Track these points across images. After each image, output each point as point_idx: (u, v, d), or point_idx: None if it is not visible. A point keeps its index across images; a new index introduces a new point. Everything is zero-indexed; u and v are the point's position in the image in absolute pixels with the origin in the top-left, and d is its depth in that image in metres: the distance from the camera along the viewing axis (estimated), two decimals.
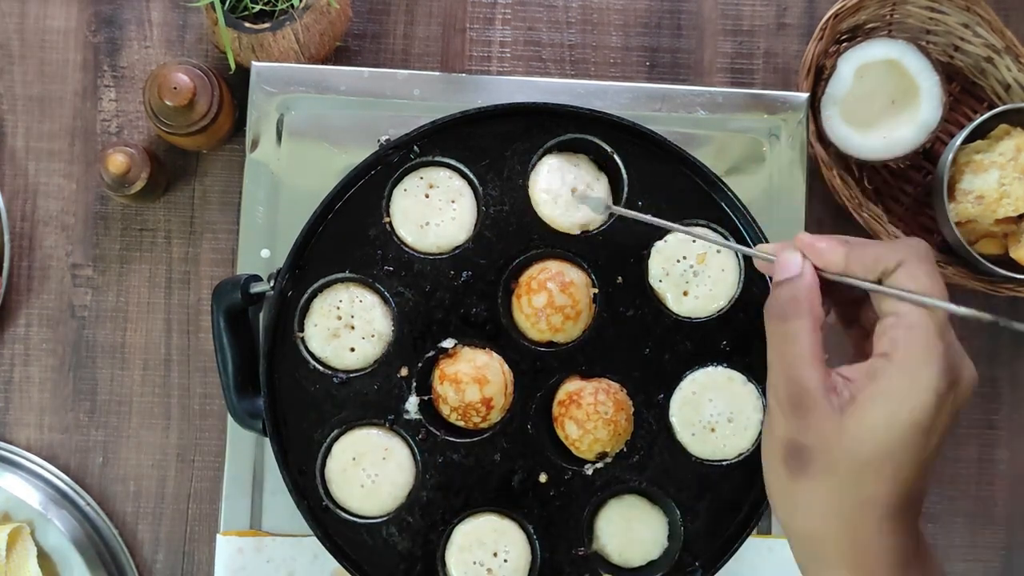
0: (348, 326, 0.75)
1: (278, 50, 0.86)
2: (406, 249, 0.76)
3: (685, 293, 0.76)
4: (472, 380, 0.73)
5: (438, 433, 0.75)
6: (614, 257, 0.76)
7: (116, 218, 0.93)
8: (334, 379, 0.75)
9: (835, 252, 0.58)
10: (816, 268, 0.59)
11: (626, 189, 0.77)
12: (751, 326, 0.76)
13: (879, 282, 0.57)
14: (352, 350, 0.75)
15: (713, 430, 0.76)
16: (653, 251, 0.76)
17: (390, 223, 0.76)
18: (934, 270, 0.57)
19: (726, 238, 0.76)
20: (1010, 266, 0.90)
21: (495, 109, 0.76)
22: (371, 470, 0.74)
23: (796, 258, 0.60)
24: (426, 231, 0.76)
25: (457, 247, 0.76)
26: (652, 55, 0.97)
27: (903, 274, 0.56)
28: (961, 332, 0.94)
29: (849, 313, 0.64)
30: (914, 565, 0.55)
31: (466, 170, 0.77)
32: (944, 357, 0.54)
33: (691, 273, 0.76)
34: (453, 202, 0.76)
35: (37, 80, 0.94)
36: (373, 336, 0.75)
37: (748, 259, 0.76)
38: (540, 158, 0.77)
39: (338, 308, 0.75)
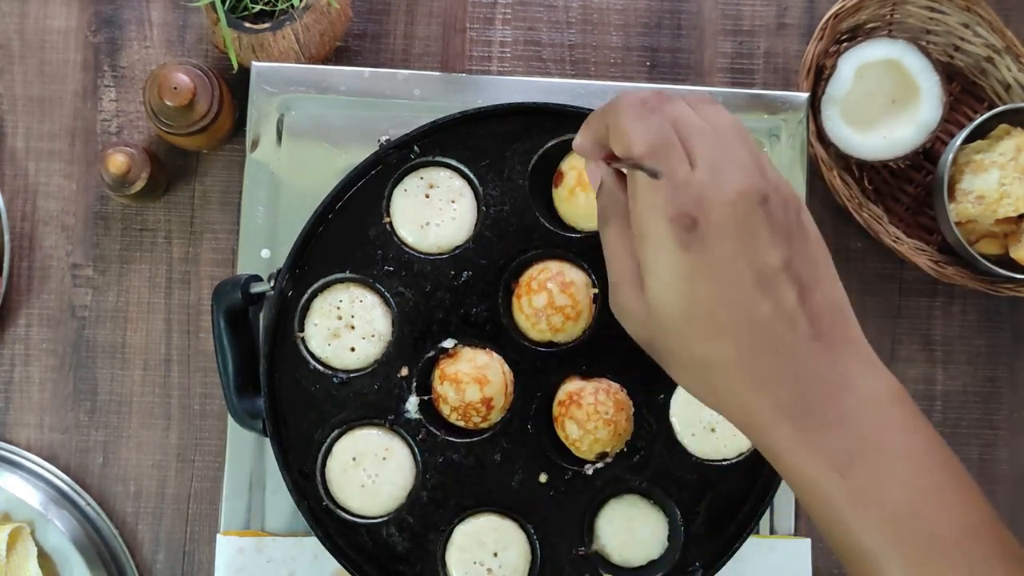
0: (348, 326, 0.75)
1: (278, 50, 0.86)
2: (406, 249, 0.76)
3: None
4: (472, 380, 0.73)
5: (438, 433, 0.75)
6: None
7: (116, 218, 0.93)
8: (334, 379, 0.75)
9: (583, 143, 0.57)
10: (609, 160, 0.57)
11: None
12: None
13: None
14: (352, 350, 0.75)
15: (713, 430, 0.76)
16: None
17: (390, 223, 0.76)
18: (634, 123, 0.52)
19: None
20: (1010, 266, 0.90)
21: (495, 109, 0.76)
22: (371, 470, 0.74)
23: (592, 169, 0.59)
24: (426, 231, 0.76)
25: (457, 247, 0.76)
26: (652, 55, 0.97)
27: (612, 141, 0.54)
28: (961, 332, 0.95)
29: None
30: (823, 406, 0.51)
31: (466, 170, 0.77)
32: (668, 202, 0.50)
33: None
34: (453, 202, 0.76)
35: (37, 80, 0.94)
36: (373, 336, 0.76)
37: None
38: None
39: (338, 308, 0.75)
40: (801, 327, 0.51)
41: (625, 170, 0.54)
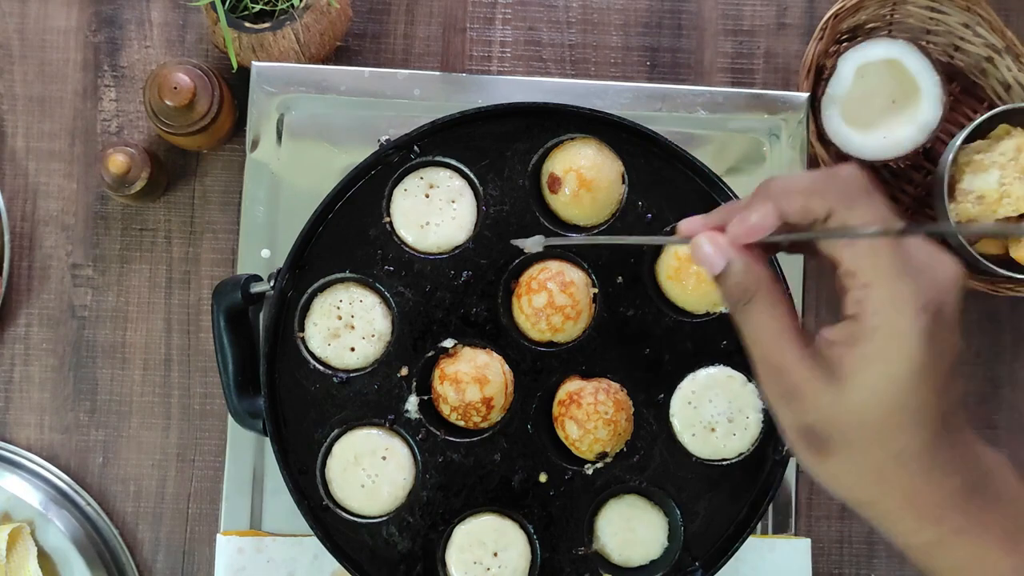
0: (348, 326, 0.75)
1: (278, 50, 0.86)
2: (406, 249, 0.76)
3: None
4: (472, 380, 0.73)
5: (438, 433, 0.75)
6: (614, 257, 0.76)
7: (116, 218, 0.93)
8: (334, 379, 0.75)
9: (766, 217, 0.52)
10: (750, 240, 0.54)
11: (626, 189, 0.77)
12: None
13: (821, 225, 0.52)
14: (352, 350, 0.75)
15: (713, 430, 0.76)
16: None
17: (390, 223, 0.76)
18: (870, 204, 0.50)
19: None
20: (1010, 266, 0.90)
21: (495, 109, 0.76)
22: (371, 470, 0.74)
23: (710, 253, 0.54)
24: (426, 231, 0.76)
25: (457, 247, 0.76)
26: (652, 55, 0.97)
27: (837, 217, 0.51)
28: (961, 332, 0.95)
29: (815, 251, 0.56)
30: (981, 487, 0.52)
31: (466, 170, 0.77)
32: (915, 295, 0.49)
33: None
34: (453, 202, 0.76)
35: (37, 80, 0.94)
36: (373, 336, 0.76)
37: None
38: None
39: (338, 308, 0.75)
40: (963, 414, 0.52)
41: (842, 251, 0.51)
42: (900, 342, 0.49)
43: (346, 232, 0.76)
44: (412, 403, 0.75)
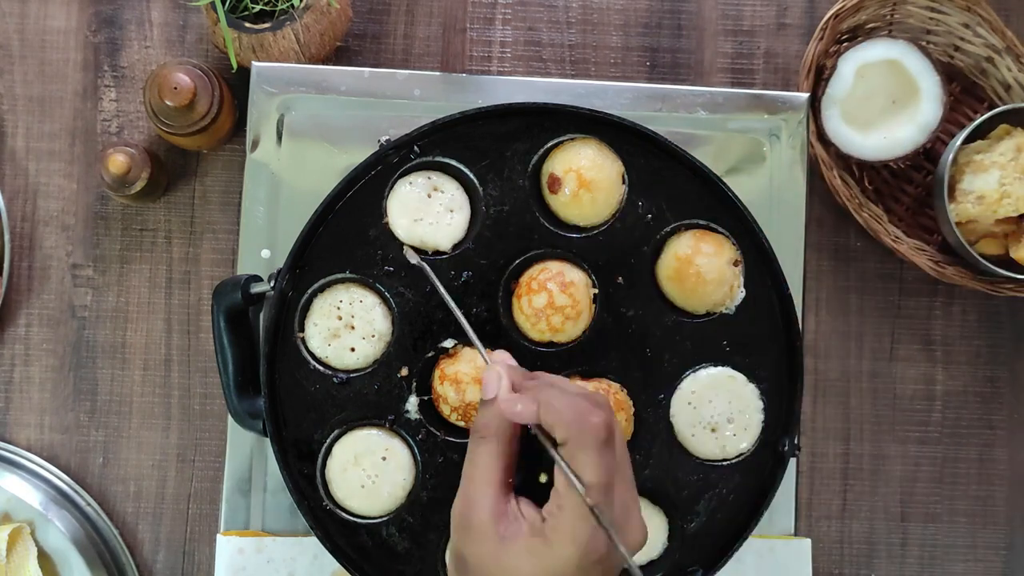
0: (348, 326, 0.75)
1: (278, 50, 0.86)
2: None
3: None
4: (472, 380, 0.73)
5: (438, 433, 0.75)
6: (614, 257, 0.76)
7: (116, 218, 0.93)
8: (334, 379, 0.75)
9: (526, 415, 0.61)
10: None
11: (626, 189, 0.77)
12: (752, 327, 0.76)
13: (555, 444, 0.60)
14: (352, 350, 0.75)
15: (713, 430, 0.76)
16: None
17: (389, 223, 0.76)
18: (594, 456, 0.58)
19: (728, 238, 0.76)
20: (1011, 266, 0.90)
21: (495, 109, 0.76)
22: (371, 470, 0.74)
23: (493, 382, 0.63)
24: (418, 225, 0.76)
25: (457, 247, 0.76)
26: (652, 55, 0.97)
27: (566, 451, 0.59)
28: (961, 332, 0.95)
29: None
30: None
31: (466, 170, 0.77)
32: (588, 541, 0.57)
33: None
34: (452, 211, 0.76)
35: (37, 80, 0.94)
36: (373, 336, 0.75)
37: (757, 267, 0.76)
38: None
39: (338, 308, 0.75)
40: None
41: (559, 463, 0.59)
42: (558, 559, 0.57)
43: (346, 232, 0.76)
44: (412, 403, 0.75)
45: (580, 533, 0.57)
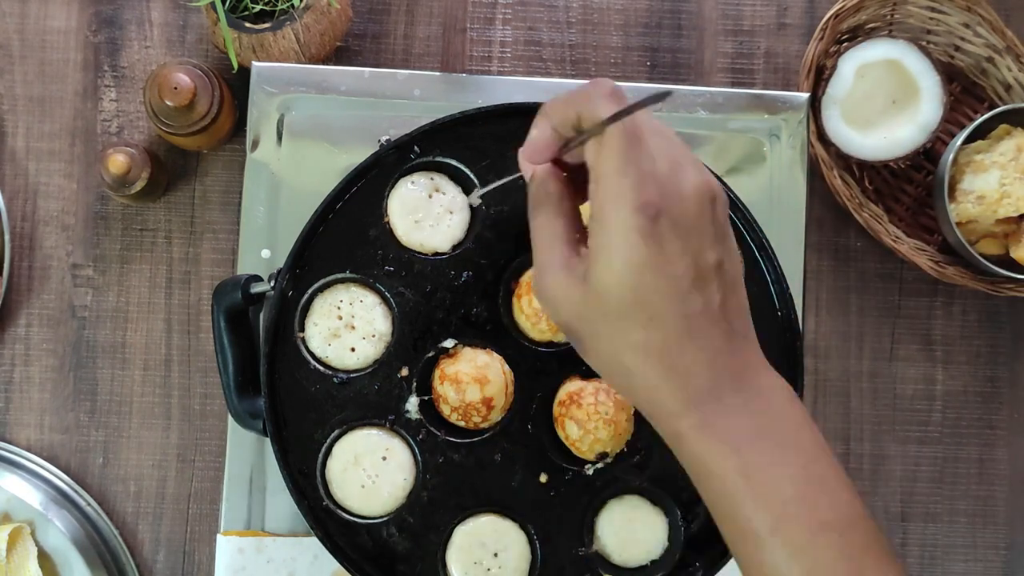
0: (349, 326, 0.75)
1: (278, 50, 0.86)
2: (406, 250, 0.76)
3: None
4: (473, 380, 0.73)
5: (438, 433, 0.75)
6: None
7: (116, 218, 0.93)
8: (334, 379, 0.75)
9: (541, 132, 0.58)
10: (555, 159, 0.59)
11: None
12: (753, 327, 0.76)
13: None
14: (352, 350, 0.75)
15: None
16: None
17: (390, 223, 0.76)
18: (607, 103, 0.52)
19: None
20: (1011, 266, 0.90)
21: (495, 109, 0.76)
22: (371, 470, 0.74)
23: (525, 165, 0.61)
24: (419, 226, 0.76)
25: (457, 247, 0.76)
26: (653, 55, 0.97)
27: (585, 124, 0.54)
28: (961, 332, 0.95)
29: None
30: (731, 395, 0.54)
31: (466, 170, 0.77)
32: (633, 192, 0.51)
33: None
34: (451, 213, 0.76)
35: (37, 80, 0.94)
36: (374, 336, 0.75)
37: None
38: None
39: (339, 308, 0.75)
40: (722, 325, 0.54)
41: (588, 153, 0.54)
42: (615, 238, 0.52)
43: (346, 232, 0.76)
44: (412, 403, 0.75)
45: (619, 190, 0.51)
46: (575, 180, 0.59)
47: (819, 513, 0.53)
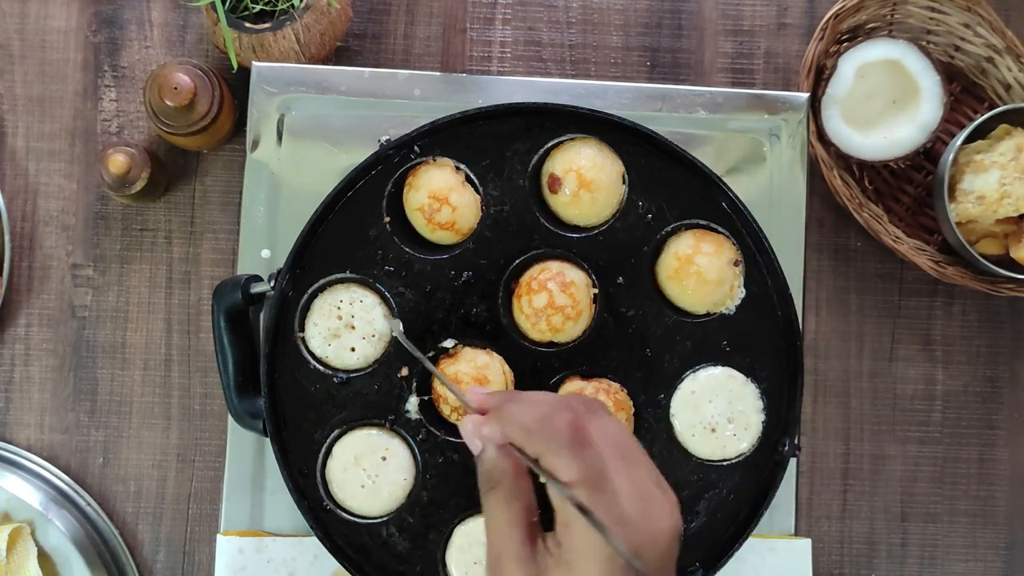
0: (349, 326, 0.75)
1: (278, 50, 0.86)
2: (406, 249, 0.76)
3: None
4: (473, 380, 0.73)
5: (438, 433, 0.75)
6: (614, 257, 0.76)
7: (116, 218, 0.93)
8: (334, 379, 0.75)
9: (492, 437, 0.58)
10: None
11: (626, 189, 0.77)
12: (752, 327, 0.76)
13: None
14: (352, 350, 0.75)
15: (713, 430, 0.76)
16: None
17: (390, 223, 0.76)
18: (565, 455, 0.54)
19: (728, 238, 0.76)
20: (1011, 266, 0.90)
21: (495, 109, 0.76)
22: (371, 470, 0.74)
23: (470, 433, 0.59)
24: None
25: (457, 247, 0.76)
26: (653, 55, 0.97)
27: (544, 462, 0.55)
28: (961, 332, 0.95)
29: None
30: None
31: (466, 170, 0.77)
32: (604, 547, 0.53)
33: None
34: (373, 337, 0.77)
35: (37, 80, 0.94)
36: (374, 336, 0.76)
37: (756, 270, 0.76)
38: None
39: (338, 308, 0.75)
40: None
41: (549, 489, 0.55)
42: None
43: (346, 232, 0.76)
44: (412, 403, 0.75)
45: (595, 541, 0.53)
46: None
47: None
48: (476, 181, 0.77)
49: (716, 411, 0.76)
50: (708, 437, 0.76)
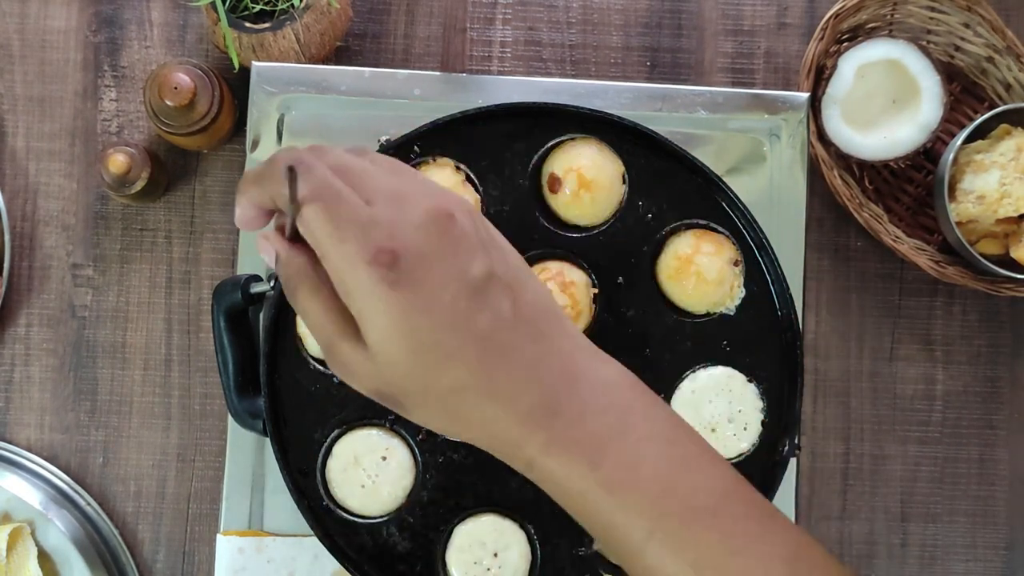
0: None
1: (278, 50, 0.86)
2: None
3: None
4: None
5: (438, 433, 0.75)
6: (614, 257, 0.76)
7: (116, 218, 0.93)
8: (334, 378, 0.75)
9: (244, 211, 0.53)
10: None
11: (627, 189, 0.77)
12: (752, 327, 0.76)
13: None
14: None
15: (713, 430, 0.76)
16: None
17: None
18: (289, 182, 0.49)
19: (728, 238, 0.76)
20: (1011, 266, 0.90)
21: (495, 109, 0.76)
22: (371, 470, 0.74)
23: (264, 247, 0.54)
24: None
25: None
26: (653, 55, 0.97)
27: (282, 204, 0.51)
28: (961, 332, 0.95)
29: None
30: (564, 404, 0.51)
31: (466, 170, 0.77)
32: (358, 252, 0.48)
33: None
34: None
35: (37, 80, 0.94)
36: None
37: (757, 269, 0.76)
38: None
39: None
40: (524, 329, 0.51)
41: (304, 232, 0.51)
42: (365, 302, 0.48)
43: None
44: None
45: (347, 250, 0.48)
46: None
47: (690, 499, 0.51)
48: (476, 181, 0.76)
49: (716, 411, 0.76)
50: (708, 437, 0.76)
